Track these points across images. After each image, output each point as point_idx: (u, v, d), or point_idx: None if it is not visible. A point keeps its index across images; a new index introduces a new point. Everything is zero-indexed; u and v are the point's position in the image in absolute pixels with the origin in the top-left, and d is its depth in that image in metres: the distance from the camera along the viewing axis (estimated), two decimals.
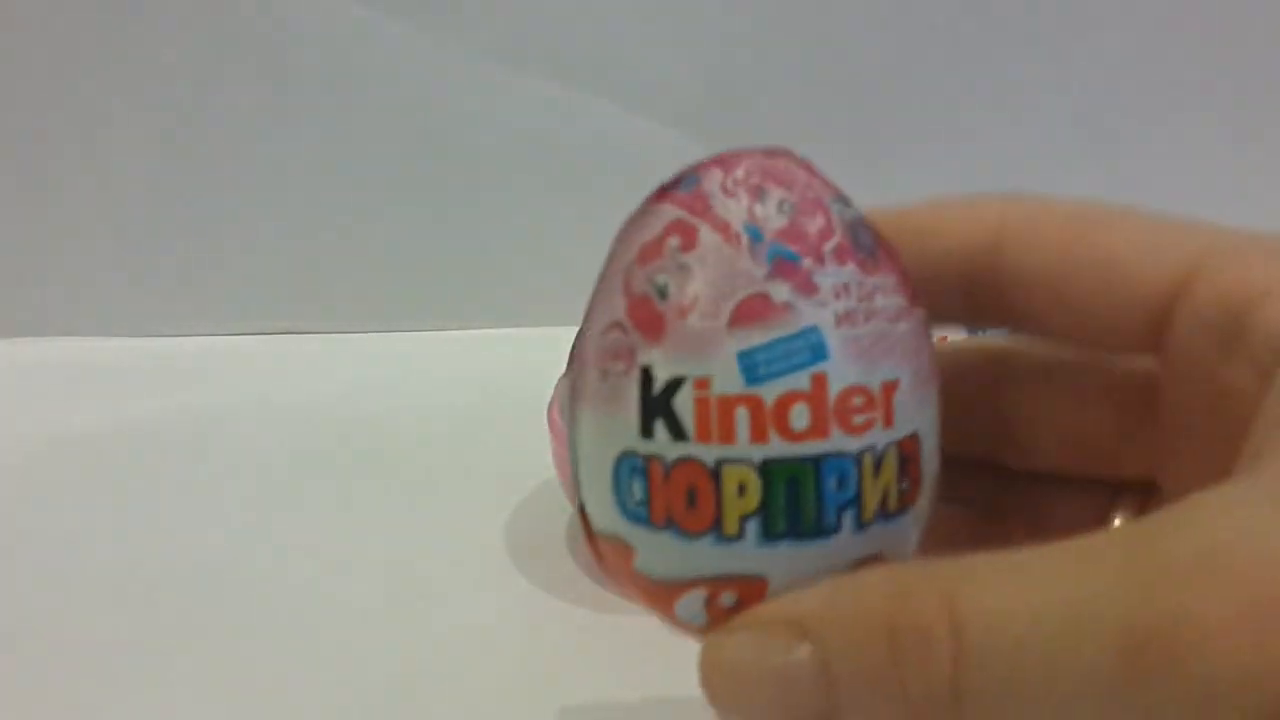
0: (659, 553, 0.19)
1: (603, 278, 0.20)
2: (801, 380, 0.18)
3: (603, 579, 0.21)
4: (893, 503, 0.19)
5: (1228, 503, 0.15)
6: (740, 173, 0.19)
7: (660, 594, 0.19)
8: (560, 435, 0.35)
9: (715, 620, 0.19)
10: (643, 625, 0.34)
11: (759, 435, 0.18)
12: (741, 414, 0.18)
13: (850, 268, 0.19)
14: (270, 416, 0.46)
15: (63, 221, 0.52)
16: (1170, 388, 0.20)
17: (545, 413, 0.36)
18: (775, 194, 0.19)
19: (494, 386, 0.48)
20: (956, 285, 0.21)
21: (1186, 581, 0.15)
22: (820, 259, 0.18)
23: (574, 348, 0.21)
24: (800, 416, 0.18)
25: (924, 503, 0.19)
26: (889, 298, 0.19)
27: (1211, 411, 0.19)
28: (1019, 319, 0.21)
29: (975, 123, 0.52)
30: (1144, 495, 0.22)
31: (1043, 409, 0.22)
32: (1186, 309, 0.18)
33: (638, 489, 0.19)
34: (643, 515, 0.19)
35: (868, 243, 0.19)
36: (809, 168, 0.20)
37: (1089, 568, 0.15)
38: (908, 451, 0.19)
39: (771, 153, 0.20)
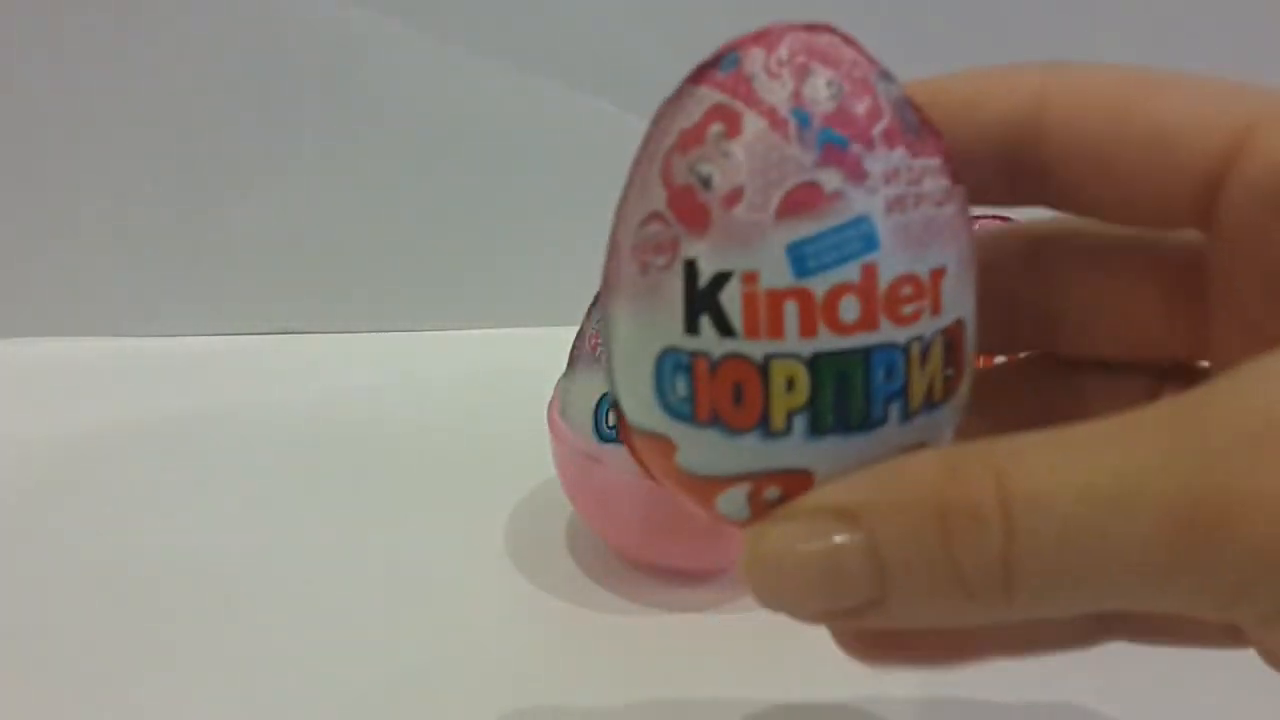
0: (702, 449, 0.18)
1: (638, 164, 0.19)
2: (852, 271, 0.17)
3: (644, 473, 0.20)
4: (938, 392, 0.18)
5: (1274, 371, 0.15)
6: (784, 51, 0.18)
7: (702, 489, 0.19)
8: (560, 435, 0.35)
9: (758, 514, 0.18)
10: (642, 625, 0.34)
11: (808, 329, 0.17)
12: (790, 308, 0.17)
13: (899, 151, 0.18)
14: (269, 416, 0.46)
15: (60, 220, 0.52)
16: (1222, 261, 0.19)
17: (545, 413, 0.36)
18: (823, 74, 0.18)
19: (494, 386, 0.48)
20: (997, 159, 0.20)
21: (1235, 452, 0.14)
22: (870, 143, 0.18)
23: (610, 238, 0.20)
24: (850, 309, 0.17)
25: (965, 389, 0.19)
26: (935, 180, 0.18)
27: (1264, 282, 0.18)
28: (1062, 195, 0.20)
29: None
30: (1191, 381, 0.21)
31: (1089, 291, 0.22)
32: (1239, 177, 0.18)
33: (681, 386, 0.18)
34: (686, 412, 0.18)
35: (914, 122, 0.18)
36: (853, 43, 0.19)
37: (1137, 440, 0.15)
38: (953, 338, 0.18)
39: (814, 28, 0.19)
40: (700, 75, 0.19)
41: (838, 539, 0.17)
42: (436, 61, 0.51)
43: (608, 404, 0.33)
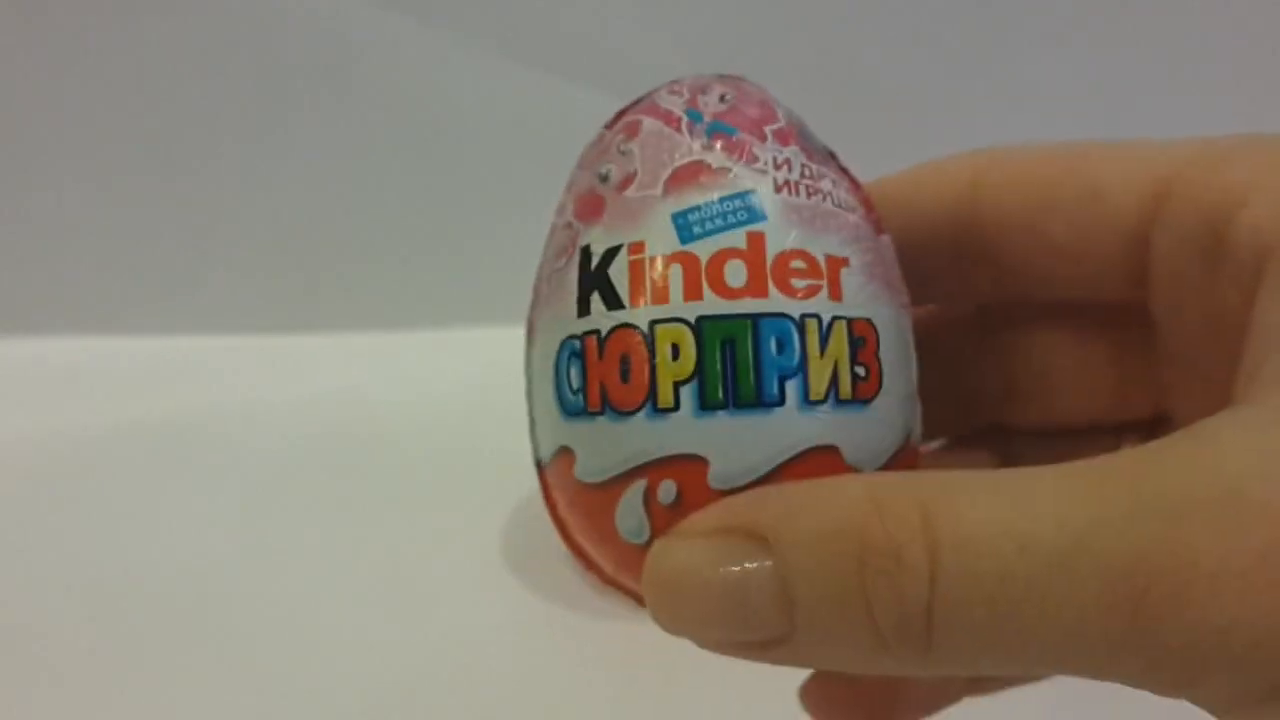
0: (596, 445, 0.18)
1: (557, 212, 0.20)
2: (737, 238, 0.17)
3: (581, 569, 0.20)
4: (845, 386, 0.17)
5: (1237, 431, 0.14)
6: (688, 80, 0.19)
7: (600, 505, 0.18)
8: None
9: (658, 528, 0.17)
10: (637, 630, 0.33)
11: (693, 292, 0.17)
12: (675, 271, 0.17)
13: (794, 148, 0.18)
14: (267, 416, 0.46)
15: (57, 219, 0.52)
16: (1161, 314, 0.19)
17: None
18: (717, 90, 0.19)
19: (492, 386, 0.48)
20: (943, 248, 0.20)
21: (1198, 517, 0.13)
22: (761, 136, 0.18)
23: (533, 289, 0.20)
24: (736, 274, 0.17)
25: (888, 403, 0.18)
26: (840, 191, 0.19)
27: (1205, 333, 0.17)
28: (1007, 277, 0.20)
29: (975, 119, 0.52)
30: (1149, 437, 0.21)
31: (1043, 359, 0.21)
32: (1163, 226, 0.17)
33: (574, 375, 0.18)
34: (580, 405, 0.18)
35: (822, 149, 0.19)
36: (764, 91, 0.20)
37: (1088, 490, 0.14)
38: (862, 335, 0.18)
39: (724, 76, 0.20)
40: (614, 117, 0.20)
41: (746, 564, 0.15)
42: (435, 58, 0.51)
43: None
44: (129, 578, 0.36)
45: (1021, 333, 0.22)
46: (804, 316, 0.17)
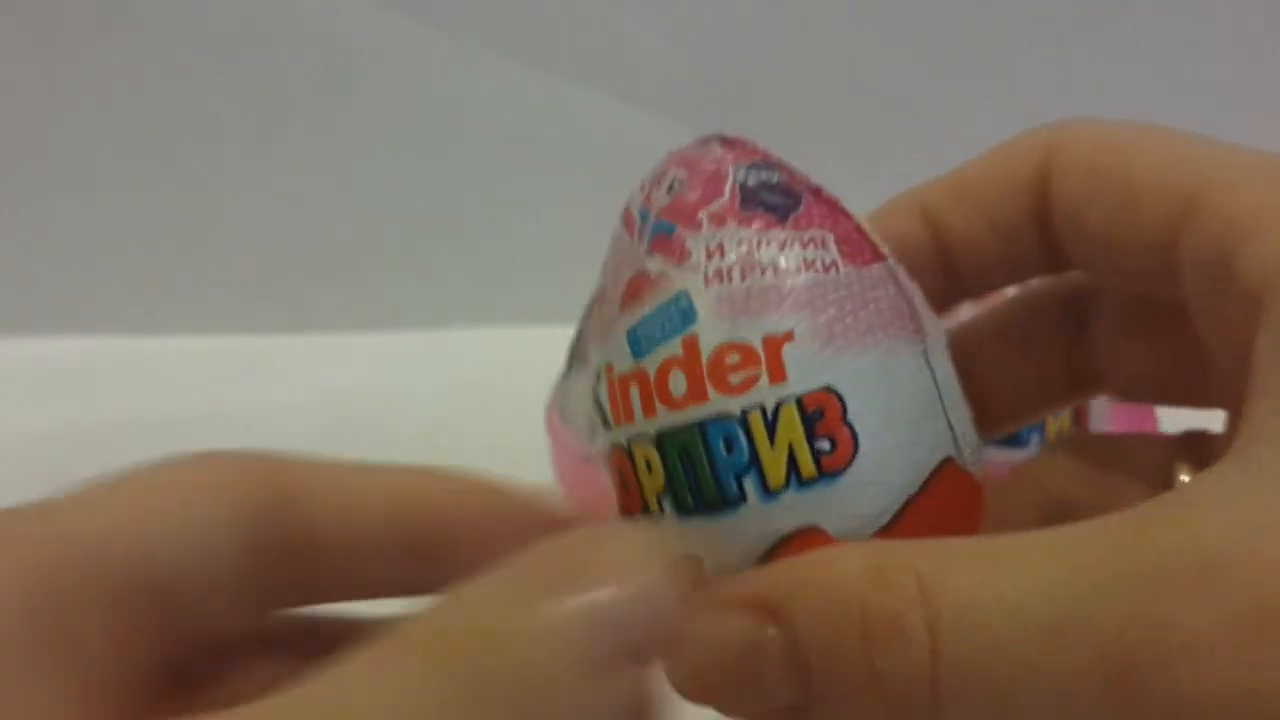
0: None
1: None
2: (675, 346, 0.18)
3: None
4: (807, 466, 0.17)
5: (1221, 496, 0.14)
6: (660, 167, 0.19)
7: None
8: (559, 439, 0.34)
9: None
10: None
11: (649, 409, 0.18)
12: (634, 391, 0.18)
13: (730, 226, 0.18)
14: (267, 416, 0.46)
15: (57, 219, 0.52)
16: (1194, 318, 0.18)
17: (544, 413, 0.36)
18: (670, 175, 0.19)
19: (492, 387, 0.48)
20: (1027, 228, 0.20)
21: (1175, 587, 0.13)
22: (697, 225, 0.18)
23: None
24: (678, 383, 0.18)
25: (867, 465, 0.18)
26: (792, 251, 0.18)
27: (1225, 351, 0.17)
28: (1073, 259, 0.20)
29: (976, 119, 0.52)
30: (1204, 454, 0.20)
31: (1110, 344, 0.21)
32: (1185, 246, 0.17)
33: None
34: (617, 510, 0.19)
35: (776, 202, 0.19)
36: (734, 143, 0.19)
37: (1077, 558, 0.14)
38: (821, 406, 0.17)
39: (704, 140, 0.20)
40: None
41: (759, 635, 0.15)
42: (436, 59, 0.51)
43: None
44: None
45: (1096, 315, 0.22)
46: (744, 411, 0.17)
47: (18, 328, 0.52)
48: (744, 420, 0.17)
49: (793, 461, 0.17)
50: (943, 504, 0.18)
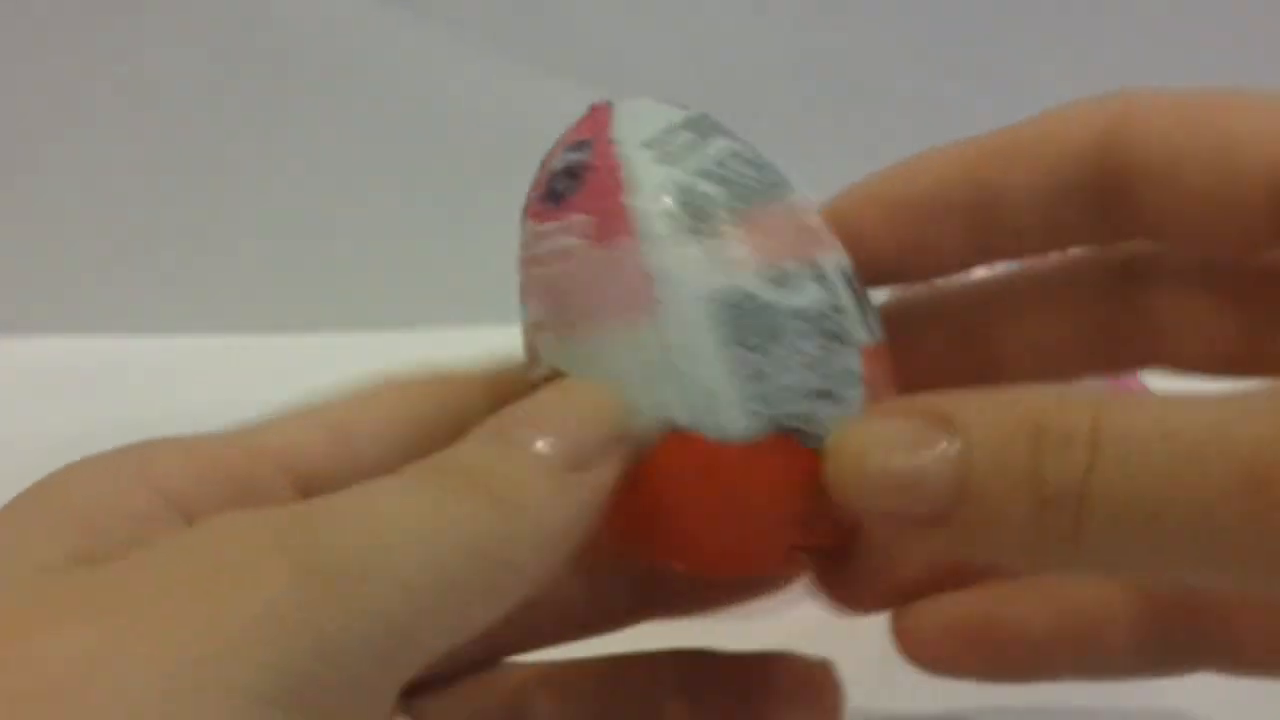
0: None
1: None
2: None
3: None
4: None
5: None
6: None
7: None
8: None
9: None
10: (643, 631, 0.33)
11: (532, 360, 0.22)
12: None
13: (528, 224, 0.21)
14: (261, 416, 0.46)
15: (57, 219, 0.52)
16: None
17: None
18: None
19: None
20: (1072, 197, 0.20)
21: None
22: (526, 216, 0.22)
23: None
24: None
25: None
26: (554, 240, 0.20)
27: None
28: (1141, 224, 0.20)
29: (976, 119, 0.52)
30: None
31: (1179, 312, 0.22)
32: None
33: None
34: None
35: (560, 189, 0.21)
36: (582, 121, 0.22)
37: (1231, 401, 0.15)
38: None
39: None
40: None
41: (929, 440, 0.17)
42: (437, 59, 0.51)
43: None
44: None
45: (1157, 282, 0.22)
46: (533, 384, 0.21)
47: (18, 328, 0.52)
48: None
49: None
50: (665, 470, 0.19)
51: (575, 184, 0.20)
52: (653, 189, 0.19)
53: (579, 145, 0.20)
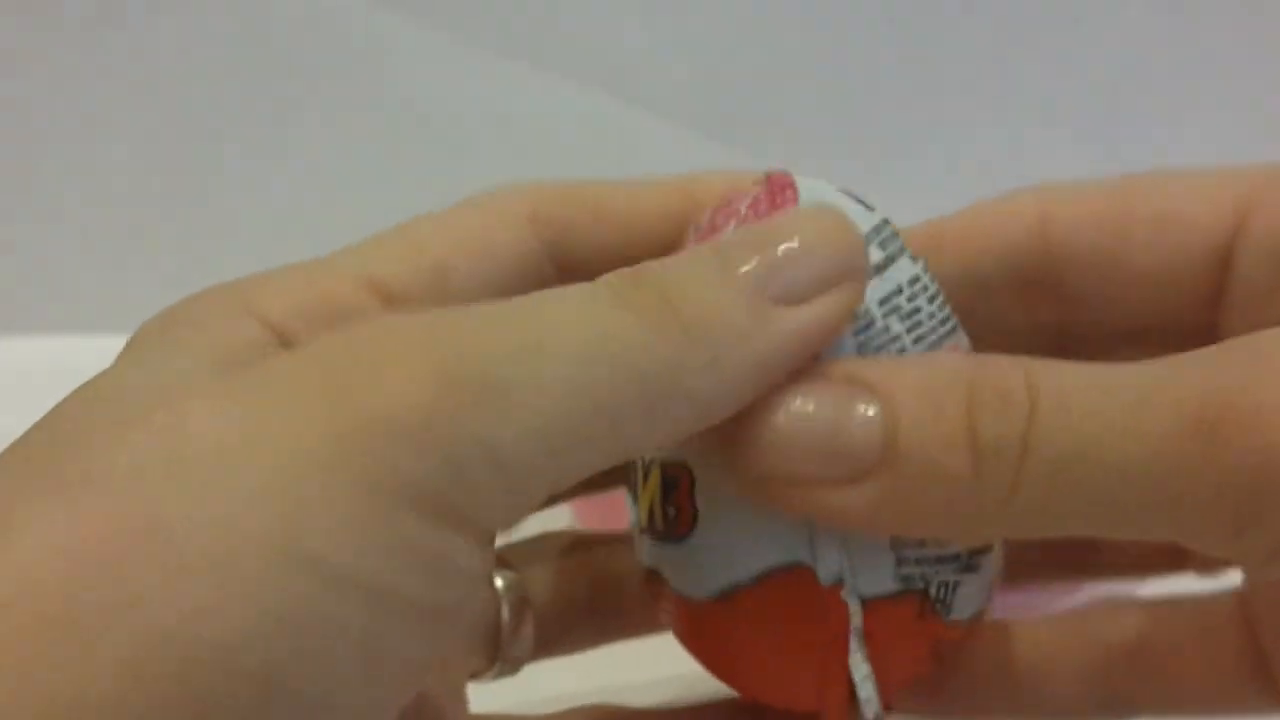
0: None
1: None
2: None
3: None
4: (657, 523, 0.19)
5: None
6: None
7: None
8: None
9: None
10: (644, 647, 0.33)
11: None
12: None
13: None
14: None
15: (57, 219, 0.52)
16: (1236, 333, 0.19)
17: None
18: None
19: None
20: (1006, 283, 0.21)
21: (1250, 365, 0.15)
22: None
23: None
24: None
25: (705, 537, 0.19)
26: None
27: None
28: (1075, 304, 0.21)
29: (977, 117, 0.52)
30: None
31: None
32: (1246, 244, 0.18)
33: None
34: None
35: None
36: (770, 187, 0.20)
37: (1176, 357, 0.15)
38: (671, 477, 0.19)
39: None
40: None
41: (849, 401, 0.16)
42: (438, 59, 0.51)
43: None
44: None
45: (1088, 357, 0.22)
46: (646, 462, 0.20)
47: (18, 328, 0.52)
48: (645, 468, 0.19)
49: (650, 515, 0.19)
50: (776, 603, 0.18)
51: None
52: None
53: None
